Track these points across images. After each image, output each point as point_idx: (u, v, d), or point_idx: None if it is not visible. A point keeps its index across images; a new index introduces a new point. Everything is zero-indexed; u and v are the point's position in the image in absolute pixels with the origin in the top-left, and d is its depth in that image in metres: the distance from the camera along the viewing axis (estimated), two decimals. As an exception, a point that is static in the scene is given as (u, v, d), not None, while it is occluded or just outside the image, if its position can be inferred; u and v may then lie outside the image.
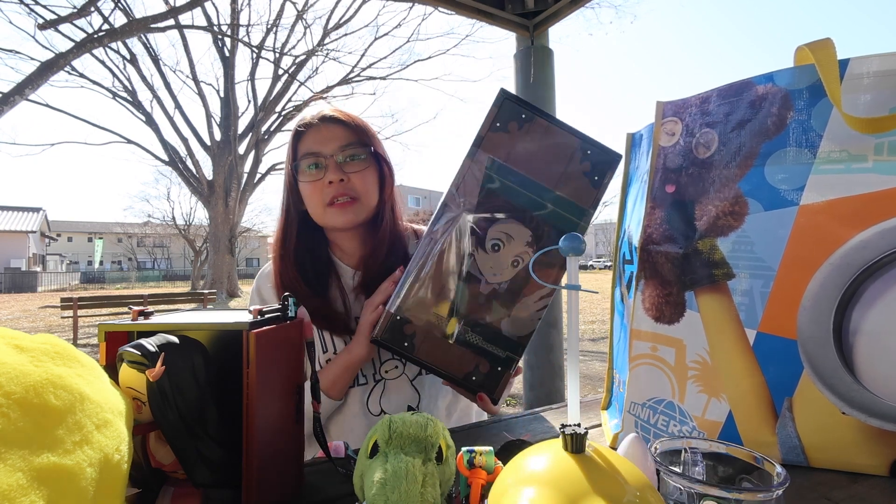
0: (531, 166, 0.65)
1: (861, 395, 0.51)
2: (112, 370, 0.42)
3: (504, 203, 0.65)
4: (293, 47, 14.07)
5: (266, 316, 0.48)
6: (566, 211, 0.65)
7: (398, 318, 0.64)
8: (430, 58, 14.61)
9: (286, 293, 0.53)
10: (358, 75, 14.54)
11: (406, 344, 0.64)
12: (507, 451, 0.47)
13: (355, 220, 0.80)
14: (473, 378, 0.65)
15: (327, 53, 14.05)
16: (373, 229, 0.85)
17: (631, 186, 0.72)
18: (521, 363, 0.68)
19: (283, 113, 14.64)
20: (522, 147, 0.65)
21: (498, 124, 0.64)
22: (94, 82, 12.31)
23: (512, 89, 2.67)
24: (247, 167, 14.63)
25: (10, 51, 9.11)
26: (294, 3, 12.76)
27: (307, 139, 0.80)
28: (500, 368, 0.65)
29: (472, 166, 0.64)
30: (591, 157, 0.65)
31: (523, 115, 0.65)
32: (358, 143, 0.80)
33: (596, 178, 0.66)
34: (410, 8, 13.01)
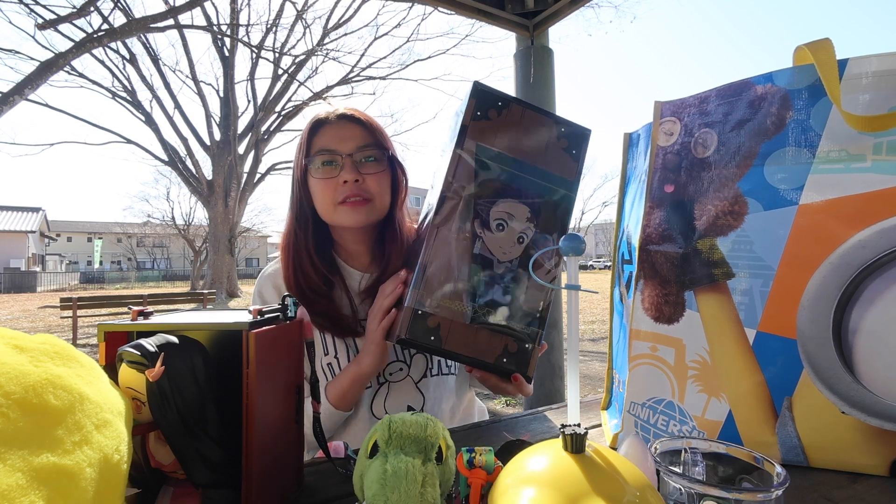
0: (515, 147, 0.68)
1: (860, 395, 0.51)
2: (111, 370, 0.42)
3: (499, 184, 0.67)
4: (293, 47, 14.06)
5: (266, 316, 0.48)
6: (555, 184, 0.69)
7: (419, 312, 0.63)
8: (429, 58, 14.61)
9: (286, 294, 0.53)
10: (358, 75, 14.53)
11: (432, 338, 0.63)
12: (507, 451, 0.47)
13: (366, 220, 0.80)
14: (504, 360, 0.65)
15: (327, 53, 14.04)
16: (381, 233, 0.85)
17: (629, 186, 0.72)
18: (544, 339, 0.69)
19: (283, 113, 14.63)
20: (504, 131, 0.68)
21: (479, 113, 0.67)
22: (94, 82, 12.29)
23: (512, 89, 2.67)
24: (246, 167, 14.62)
25: (10, 51, 9.10)
26: (294, 3, 12.76)
27: (324, 135, 0.79)
28: (527, 345, 0.66)
29: (462, 155, 0.66)
30: (566, 134, 0.70)
31: (499, 103, 0.68)
32: (375, 144, 0.80)
33: (574, 151, 0.70)
34: (410, 8, 13.00)
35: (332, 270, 0.84)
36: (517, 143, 0.68)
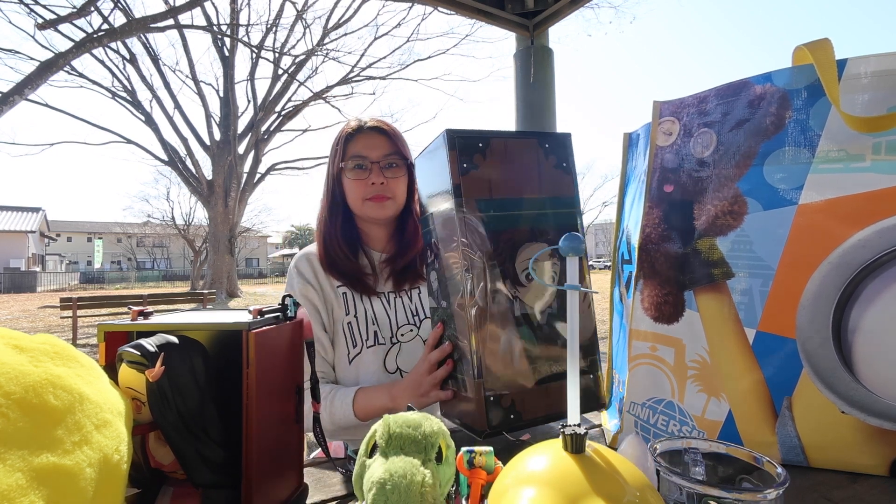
0: (514, 185, 0.64)
1: (860, 394, 0.51)
2: (111, 370, 0.42)
3: (513, 233, 0.63)
4: (293, 47, 14.04)
5: (266, 316, 0.48)
6: (561, 207, 0.66)
7: (490, 399, 0.61)
8: (429, 58, 14.61)
9: (286, 294, 0.53)
10: (358, 75, 14.52)
11: (511, 416, 0.62)
12: (507, 452, 0.47)
13: (386, 214, 0.96)
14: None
15: (327, 53, 14.02)
16: (398, 222, 1.02)
17: (629, 186, 0.72)
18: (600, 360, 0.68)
19: (283, 113, 14.62)
20: (496, 173, 0.63)
21: (465, 165, 0.62)
22: (94, 82, 12.26)
23: (512, 89, 2.67)
24: (246, 167, 14.61)
25: (10, 51, 9.09)
26: (294, 3, 12.75)
27: (357, 143, 0.96)
28: (591, 377, 0.65)
29: (465, 218, 0.61)
30: (551, 149, 0.66)
31: (480, 144, 0.63)
32: (397, 153, 0.97)
33: (564, 164, 0.67)
34: (410, 8, 12.99)
35: (356, 250, 1.00)
36: (514, 181, 0.64)
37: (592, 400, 0.66)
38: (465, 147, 0.62)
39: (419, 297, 0.98)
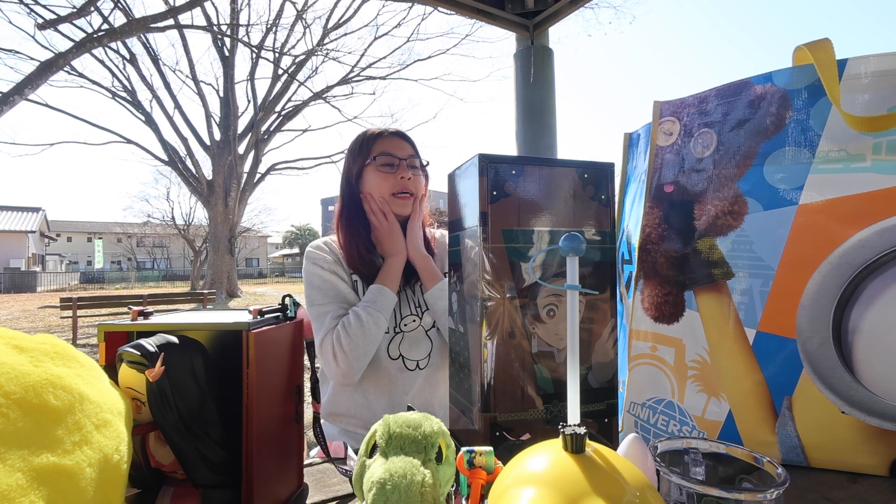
0: (544, 217, 0.60)
1: (860, 394, 0.51)
2: (111, 370, 0.42)
3: (539, 269, 0.60)
4: (293, 47, 14.05)
5: (266, 316, 0.48)
6: (594, 243, 0.61)
7: (497, 434, 0.58)
8: (429, 57, 14.61)
9: (286, 294, 0.53)
10: (357, 75, 14.53)
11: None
12: (507, 451, 0.47)
13: (407, 211, 1.07)
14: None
15: (327, 53, 14.03)
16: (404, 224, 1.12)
17: (629, 186, 0.72)
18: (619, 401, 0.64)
19: (283, 113, 14.63)
20: (528, 202, 0.59)
21: (494, 192, 0.59)
22: (94, 82, 12.28)
23: (512, 89, 2.67)
24: (246, 167, 14.61)
25: (10, 51, 9.09)
26: (294, 3, 12.75)
27: (383, 143, 1.06)
28: (606, 420, 0.61)
29: (489, 249, 0.58)
30: (590, 180, 0.61)
31: (513, 171, 0.59)
32: (417, 155, 1.10)
33: (603, 197, 0.62)
34: (410, 8, 13.00)
35: (373, 248, 1.09)
36: (544, 211, 0.60)
37: (605, 443, 0.62)
38: (497, 174, 0.59)
39: (421, 290, 1.05)
